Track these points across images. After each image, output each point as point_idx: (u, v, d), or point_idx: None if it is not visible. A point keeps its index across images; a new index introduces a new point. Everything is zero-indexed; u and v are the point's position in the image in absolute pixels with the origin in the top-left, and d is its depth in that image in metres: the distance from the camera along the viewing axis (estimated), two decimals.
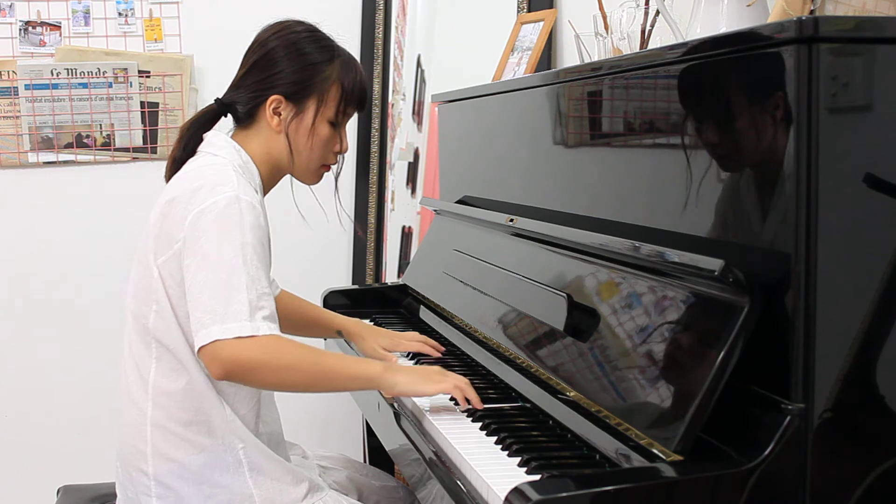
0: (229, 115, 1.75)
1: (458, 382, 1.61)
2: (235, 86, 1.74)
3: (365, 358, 1.87)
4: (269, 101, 1.68)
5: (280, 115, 1.69)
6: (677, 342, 1.27)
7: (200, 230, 1.54)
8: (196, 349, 1.51)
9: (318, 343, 2.40)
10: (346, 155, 1.81)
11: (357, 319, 2.09)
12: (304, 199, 1.90)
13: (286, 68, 1.68)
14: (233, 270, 1.51)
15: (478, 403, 1.60)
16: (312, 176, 1.77)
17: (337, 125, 1.73)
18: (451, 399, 1.66)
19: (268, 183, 1.74)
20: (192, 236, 1.54)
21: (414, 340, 2.00)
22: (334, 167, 1.79)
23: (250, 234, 1.54)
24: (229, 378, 1.51)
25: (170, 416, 1.61)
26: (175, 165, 1.71)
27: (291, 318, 2.04)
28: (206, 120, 1.74)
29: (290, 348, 1.53)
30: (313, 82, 1.69)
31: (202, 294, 1.51)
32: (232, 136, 1.72)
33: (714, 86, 1.30)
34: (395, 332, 2.06)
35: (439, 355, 1.97)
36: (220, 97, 1.75)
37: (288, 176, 1.79)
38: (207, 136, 1.71)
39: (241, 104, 1.71)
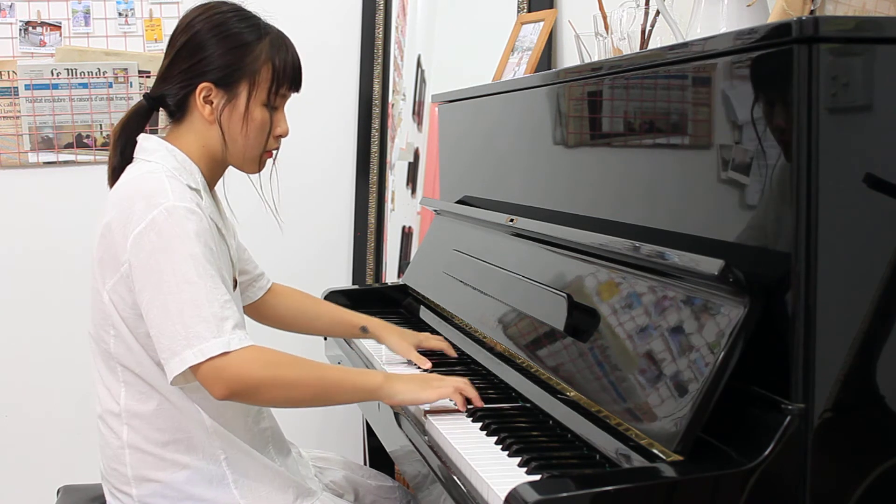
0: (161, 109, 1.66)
1: (458, 385, 1.60)
2: (163, 77, 1.64)
3: (363, 369, 1.86)
4: (198, 90, 1.59)
5: (212, 103, 1.60)
6: (677, 342, 1.27)
7: (145, 252, 1.48)
8: (171, 378, 1.46)
9: (312, 348, 2.40)
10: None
11: (377, 319, 2.07)
12: (304, 198, 1.90)
13: (214, 52, 1.59)
14: (189, 287, 1.45)
15: (478, 401, 1.60)
16: (252, 164, 1.66)
17: (273, 108, 1.63)
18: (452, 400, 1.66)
19: (211, 178, 1.66)
20: (139, 260, 1.49)
21: (436, 339, 2.00)
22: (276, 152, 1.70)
23: (196, 242, 1.48)
24: (233, 398, 1.48)
25: (146, 438, 1.59)
26: (115, 174, 1.63)
27: (307, 317, 2.02)
28: (138, 119, 1.66)
29: (291, 364, 1.51)
30: (243, 64, 1.59)
31: (165, 320, 1.46)
32: (167, 134, 1.65)
33: (714, 86, 1.30)
34: (417, 332, 2.04)
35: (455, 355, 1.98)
36: (147, 92, 1.67)
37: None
38: (139, 140, 1.63)
39: (170, 96, 1.62)
